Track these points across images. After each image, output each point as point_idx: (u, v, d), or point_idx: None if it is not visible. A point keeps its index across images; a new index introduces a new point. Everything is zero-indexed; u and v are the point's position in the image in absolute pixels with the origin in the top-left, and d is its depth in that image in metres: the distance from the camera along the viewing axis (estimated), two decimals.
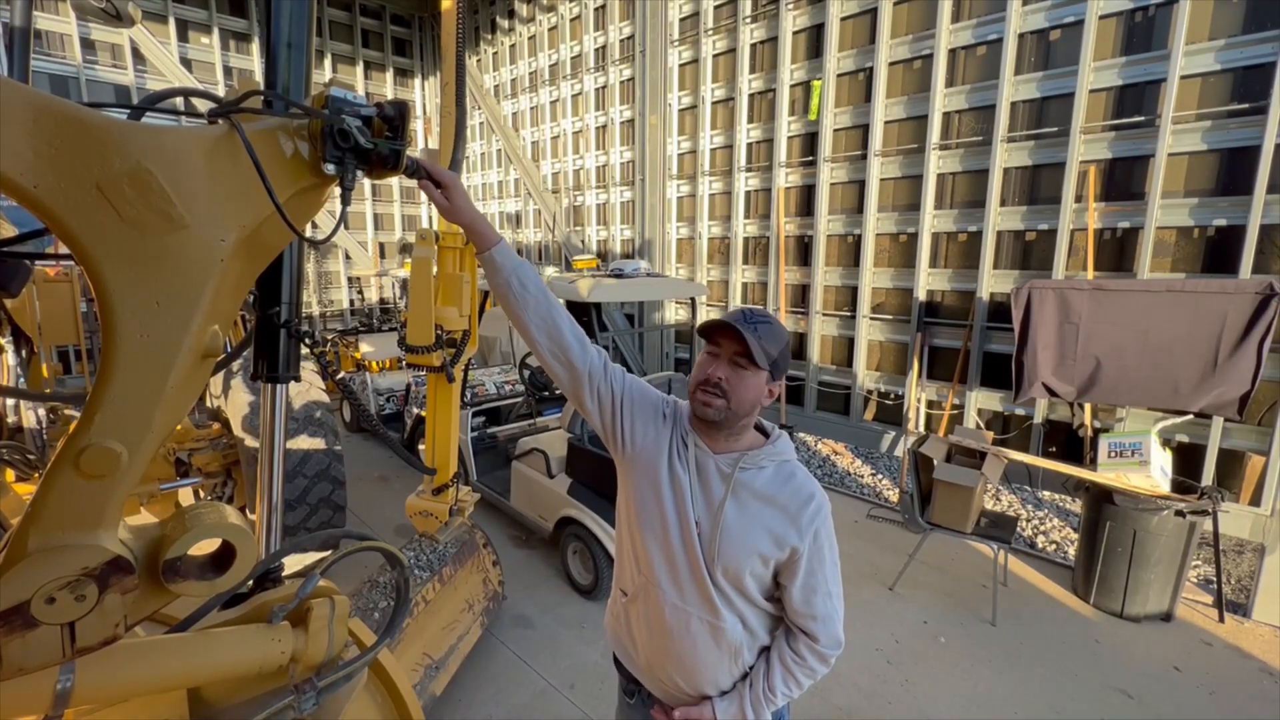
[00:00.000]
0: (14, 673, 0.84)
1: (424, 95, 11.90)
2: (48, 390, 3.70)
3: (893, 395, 5.96)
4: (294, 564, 1.32)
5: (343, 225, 1.20)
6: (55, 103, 0.75)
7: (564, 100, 9.18)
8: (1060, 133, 4.71)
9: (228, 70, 9.64)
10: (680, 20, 7.30)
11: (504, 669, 3.14)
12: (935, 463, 3.78)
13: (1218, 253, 4.25)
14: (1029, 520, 5.02)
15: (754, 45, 6.62)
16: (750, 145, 6.80)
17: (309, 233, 1.09)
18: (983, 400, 5.38)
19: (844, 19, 5.85)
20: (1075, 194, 4.69)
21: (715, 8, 6.92)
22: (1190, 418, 4.22)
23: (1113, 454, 3.71)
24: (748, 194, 6.89)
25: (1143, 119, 4.40)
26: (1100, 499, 3.65)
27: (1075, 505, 5.13)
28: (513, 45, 10.11)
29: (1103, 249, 4.70)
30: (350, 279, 11.40)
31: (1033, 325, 4.40)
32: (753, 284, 7.05)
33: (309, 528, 3.82)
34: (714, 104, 7.09)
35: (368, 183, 10.52)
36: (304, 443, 3.81)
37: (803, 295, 6.52)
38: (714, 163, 7.19)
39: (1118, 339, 4.12)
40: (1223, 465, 4.36)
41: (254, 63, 9.82)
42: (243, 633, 1.13)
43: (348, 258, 11.28)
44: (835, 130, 6.03)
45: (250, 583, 1.24)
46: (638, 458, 1.41)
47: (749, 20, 6.54)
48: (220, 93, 1.00)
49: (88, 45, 8.43)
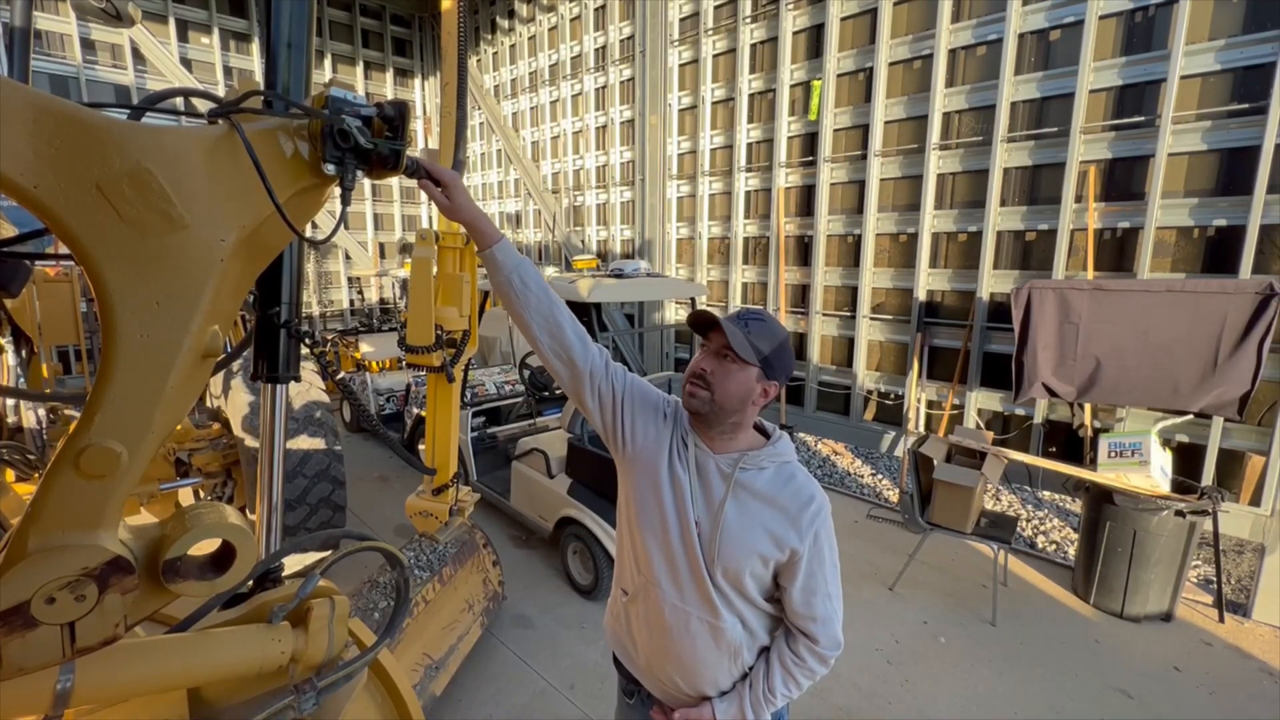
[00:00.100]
0: (14, 673, 0.84)
1: (424, 95, 11.90)
2: (48, 390, 3.70)
3: (893, 395, 5.96)
4: (294, 564, 1.32)
5: (343, 225, 1.20)
6: (55, 103, 0.75)
7: (564, 100, 9.18)
8: (1060, 133, 4.71)
9: (228, 70, 9.64)
10: (680, 20, 7.30)
11: (504, 669, 3.14)
12: (935, 463, 3.78)
13: (1218, 253, 4.25)
14: (1029, 520, 5.01)
15: (754, 45, 6.62)
16: (750, 145, 6.79)
17: (309, 233, 1.09)
18: (983, 400, 5.38)
19: (844, 19, 5.85)
20: (1075, 194, 4.69)
21: (715, 8, 6.92)
22: (1190, 418, 4.22)
23: (1113, 454, 3.71)
24: (748, 194, 6.89)
25: (1143, 119, 4.40)
26: (1100, 499, 3.65)
27: (1075, 505, 5.13)
28: (513, 45, 10.11)
29: (1103, 249, 4.70)
30: (350, 279, 11.40)
31: (1033, 325, 4.40)
32: (753, 284, 7.04)
33: (309, 528, 3.82)
34: (714, 104, 7.09)
35: (368, 183, 10.52)
36: (304, 443, 3.81)
37: (803, 295, 6.52)
38: (714, 163, 7.19)
39: (1118, 339, 4.12)
40: (1223, 465, 4.36)
41: (254, 63, 9.82)
42: (243, 633, 1.13)
43: (348, 258, 11.28)
44: (835, 130, 6.03)
45: (250, 583, 1.24)
46: (638, 457, 1.41)
47: (749, 20, 6.54)
48: (220, 93, 1.00)
49: (88, 45, 8.43)
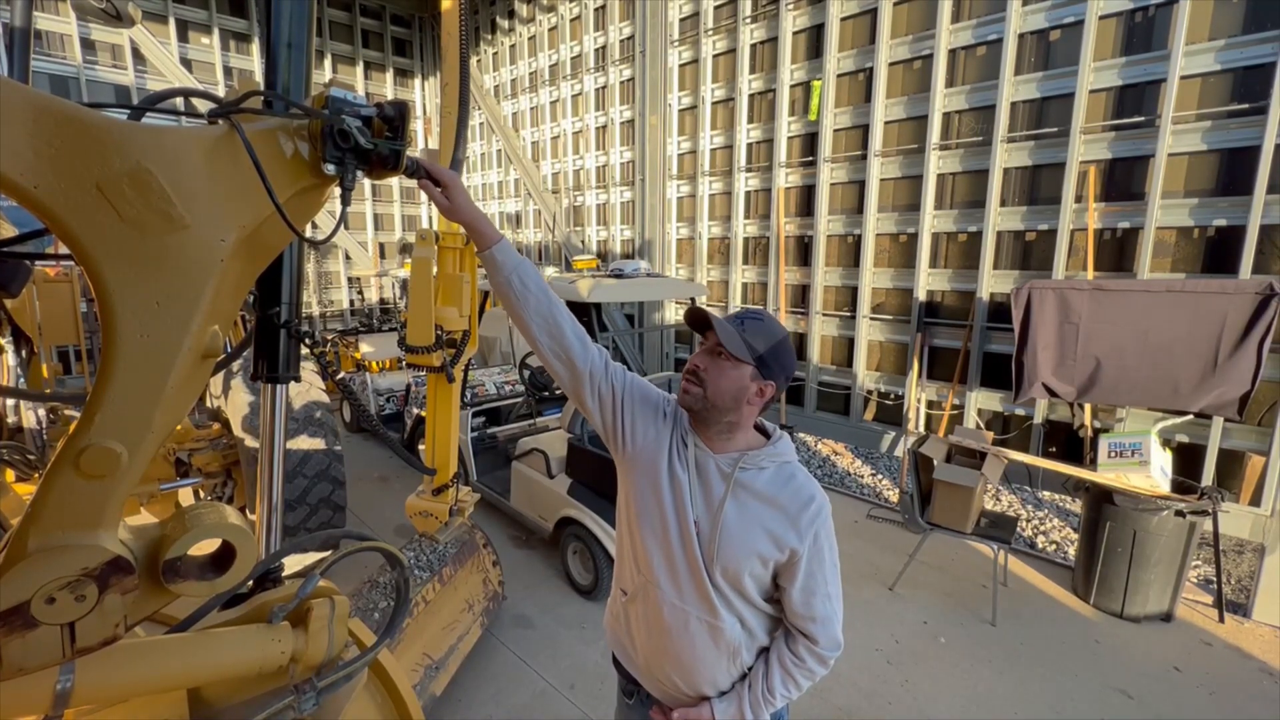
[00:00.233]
0: (14, 673, 0.84)
1: (424, 95, 11.90)
2: (48, 390, 3.70)
3: (893, 395, 5.96)
4: (294, 564, 1.32)
5: (343, 225, 1.20)
6: (55, 103, 0.75)
7: (564, 100, 9.18)
8: (1060, 133, 4.71)
9: (228, 70, 9.64)
10: (680, 20, 7.30)
11: (504, 669, 3.14)
12: (935, 463, 3.77)
13: (1218, 253, 4.25)
14: (1029, 520, 5.01)
15: (754, 45, 6.62)
16: (750, 145, 6.79)
17: (309, 233, 1.09)
18: (983, 400, 5.38)
19: (844, 19, 5.85)
20: (1075, 194, 4.69)
21: (715, 8, 6.92)
22: (1190, 418, 4.22)
23: (1113, 454, 3.71)
24: (748, 194, 6.89)
25: (1143, 119, 4.40)
26: (1100, 499, 3.65)
27: (1075, 505, 5.13)
28: (513, 45, 10.11)
29: (1103, 249, 4.70)
30: (350, 279, 11.40)
31: (1033, 325, 4.40)
32: (753, 284, 7.05)
33: (309, 528, 3.82)
34: (714, 104, 7.09)
35: (368, 183, 10.52)
36: (304, 443, 3.81)
37: (803, 295, 6.52)
38: (714, 163, 7.19)
39: (1118, 339, 4.12)
40: (1223, 465, 4.36)
41: (254, 63, 9.82)
42: (243, 633, 1.13)
43: (348, 258, 11.28)
44: (835, 130, 6.03)
45: (250, 583, 1.24)
46: (638, 457, 1.41)
47: (749, 20, 6.54)
48: (220, 93, 1.00)
49: (88, 45, 8.43)
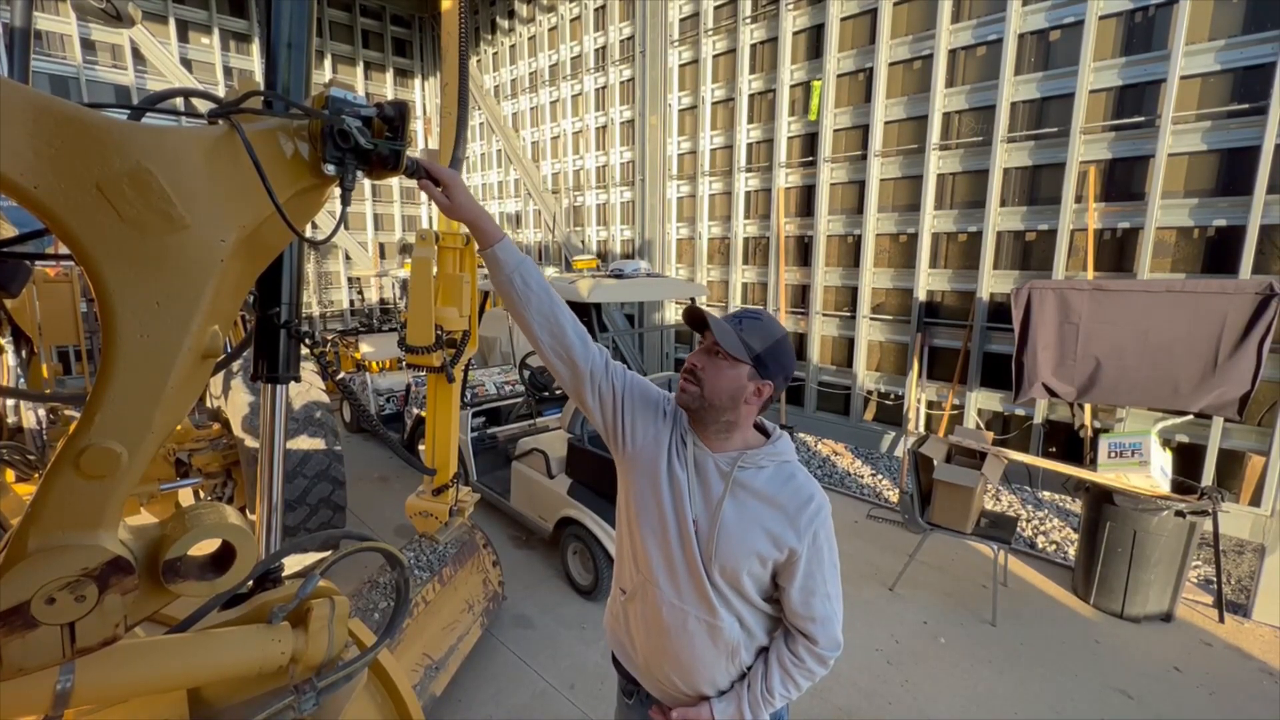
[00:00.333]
0: (14, 673, 0.84)
1: (424, 95, 11.90)
2: (48, 390, 3.70)
3: (893, 395, 5.96)
4: (294, 564, 1.32)
5: (343, 225, 1.20)
6: (55, 103, 0.75)
7: (564, 100, 9.18)
8: (1060, 133, 4.71)
9: (228, 70, 9.63)
10: (680, 20, 7.30)
11: (504, 669, 3.14)
12: (935, 463, 3.77)
13: (1218, 253, 4.24)
14: (1029, 520, 5.01)
15: (754, 45, 6.62)
16: (750, 145, 6.79)
17: (309, 233, 1.09)
18: (983, 400, 5.38)
19: (844, 19, 5.85)
20: (1075, 194, 4.69)
21: (715, 8, 6.91)
22: (1190, 418, 4.22)
23: (1113, 454, 3.71)
24: (748, 194, 6.89)
25: (1143, 119, 4.40)
26: (1100, 499, 3.65)
27: (1075, 505, 5.13)
28: (513, 46, 10.11)
29: (1103, 249, 4.70)
30: (350, 279, 11.39)
31: (1033, 325, 4.40)
32: (753, 284, 7.04)
33: (309, 528, 3.82)
34: (714, 104, 7.09)
35: (368, 183, 10.52)
36: (304, 443, 3.81)
37: (803, 295, 6.51)
38: (714, 163, 7.19)
39: (1118, 339, 4.12)
40: (1223, 465, 4.36)
41: (254, 63, 9.82)
42: (243, 633, 1.13)
43: (348, 258, 11.28)
44: (835, 130, 6.03)
45: (250, 583, 1.24)
46: (638, 456, 1.41)
47: (749, 20, 6.54)
48: (220, 93, 1.00)
49: (88, 45, 8.43)
